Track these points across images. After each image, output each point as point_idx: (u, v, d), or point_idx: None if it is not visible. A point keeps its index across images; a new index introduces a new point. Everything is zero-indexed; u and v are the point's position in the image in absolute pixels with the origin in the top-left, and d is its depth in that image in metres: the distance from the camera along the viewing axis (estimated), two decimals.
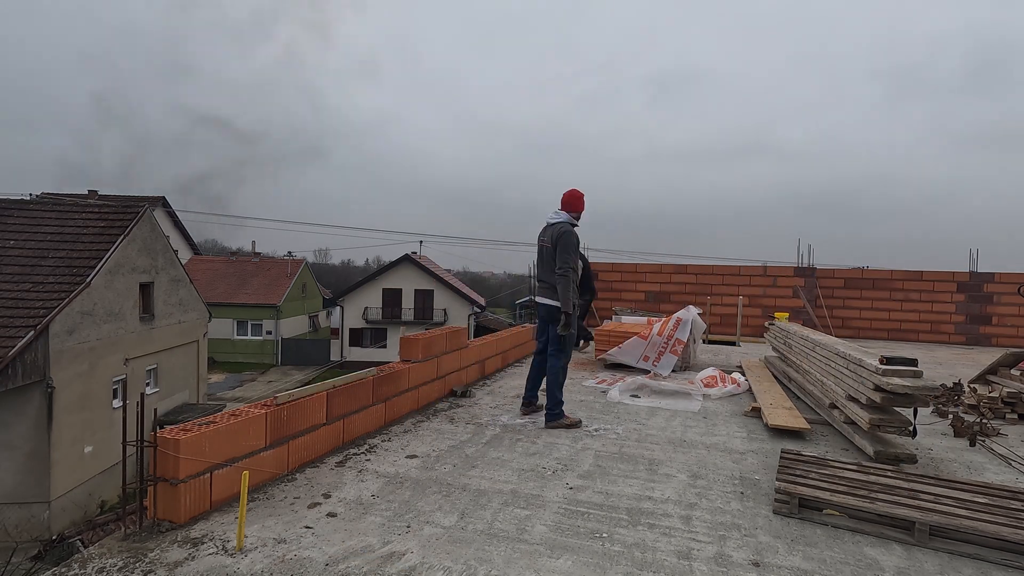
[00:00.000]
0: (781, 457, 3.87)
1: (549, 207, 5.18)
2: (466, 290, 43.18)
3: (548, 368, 5.08)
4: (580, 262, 5.35)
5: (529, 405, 5.35)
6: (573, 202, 5.13)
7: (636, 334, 7.72)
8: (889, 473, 3.57)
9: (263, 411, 3.45)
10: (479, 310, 41.86)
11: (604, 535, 2.94)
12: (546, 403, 5.02)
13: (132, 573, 2.49)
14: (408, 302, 40.50)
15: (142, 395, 3.35)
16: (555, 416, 4.92)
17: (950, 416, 5.36)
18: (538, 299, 5.25)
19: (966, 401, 5.86)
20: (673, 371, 7.46)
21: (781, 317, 9.49)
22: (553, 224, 5.08)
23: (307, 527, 2.93)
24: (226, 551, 2.67)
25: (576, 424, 4.93)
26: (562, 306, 4.84)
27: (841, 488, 3.31)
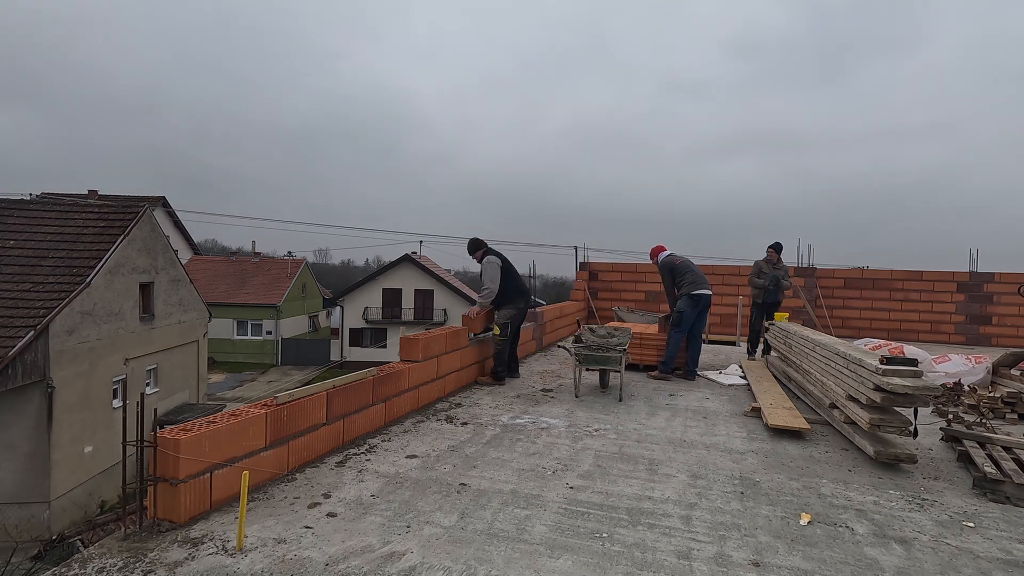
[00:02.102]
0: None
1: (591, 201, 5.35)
2: (466, 290, 43.15)
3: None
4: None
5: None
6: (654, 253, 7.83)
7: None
8: None
9: (263, 411, 3.45)
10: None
11: (604, 535, 2.94)
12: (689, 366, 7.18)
13: (132, 573, 2.49)
14: (408, 302, 40.48)
15: (142, 395, 3.35)
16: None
17: (950, 416, 5.36)
18: (704, 291, 7.19)
19: (966, 401, 5.87)
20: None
21: (781, 317, 9.48)
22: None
23: (307, 527, 2.93)
24: (226, 551, 2.67)
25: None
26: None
27: None
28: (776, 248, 8.87)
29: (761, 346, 8.79)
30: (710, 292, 7.19)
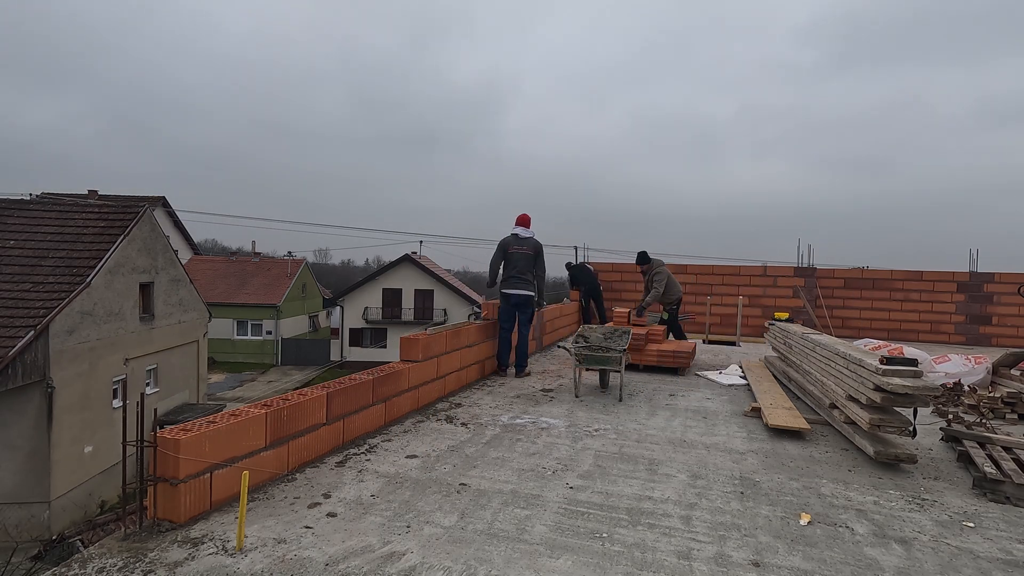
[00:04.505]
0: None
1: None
2: (466, 290, 43.16)
3: (521, 337, 7.04)
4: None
5: (504, 368, 7.08)
6: (528, 221, 7.09)
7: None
8: None
9: (263, 411, 3.45)
10: (479, 310, 41.81)
11: (604, 535, 2.94)
12: (517, 361, 7.05)
13: (132, 573, 2.49)
14: (408, 302, 40.48)
15: (142, 395, 3.35)
16: (524, 368, 7.06)
17: (950, 416, 5.36)
18: (513, 291, 6.86)
19: (966, 401, 5.87)
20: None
21: (781, 317, 9.48)
22: (525, 238, 6.95)
23: (307, 527, 2.93)
24: (226, 551, 2.67)
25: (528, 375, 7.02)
26: (538, 296, 7.02)
27: None
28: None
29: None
30: (522, 293, 6.84)
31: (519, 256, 6.88)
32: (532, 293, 6.92)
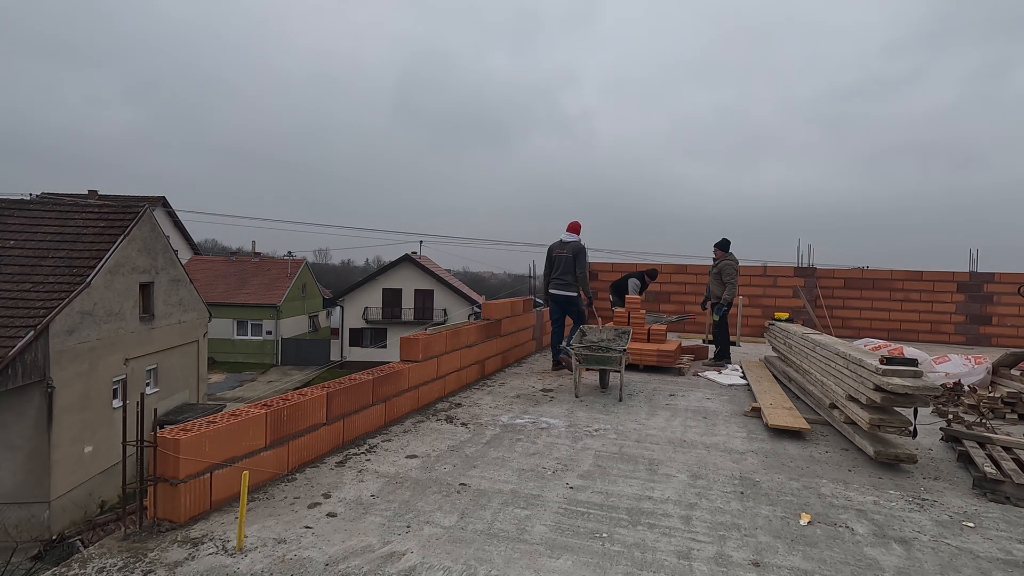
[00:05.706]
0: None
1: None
2: (466, 290, 43.16)
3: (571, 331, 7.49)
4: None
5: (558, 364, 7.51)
6: (578, 228, 7.49)
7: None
8: None
9: (263, 411, 3.45)
10: (479, 310, 41.77)
11: (604, 535, 2.94)
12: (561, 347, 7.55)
13: (132, 573, 2.49)
14: (408, 302, 40.46)
15: (142, 395, 3.35)
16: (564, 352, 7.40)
17: (950, 416, 5.36)
18: (555, 291, 7.44)
19: (966, 401, 5.86)
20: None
21: (781, 317, 9.48)
22: (568, 242, 7.37)
23: (307, 527, 2.93)
24: (226, 551, 2.67)
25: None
26: (584, 291, 7.30)
27: None
28: None
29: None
30: (562, 293, 7.39)
31: (560, 259, 7.40)
32: (574, 293, 7.36)
